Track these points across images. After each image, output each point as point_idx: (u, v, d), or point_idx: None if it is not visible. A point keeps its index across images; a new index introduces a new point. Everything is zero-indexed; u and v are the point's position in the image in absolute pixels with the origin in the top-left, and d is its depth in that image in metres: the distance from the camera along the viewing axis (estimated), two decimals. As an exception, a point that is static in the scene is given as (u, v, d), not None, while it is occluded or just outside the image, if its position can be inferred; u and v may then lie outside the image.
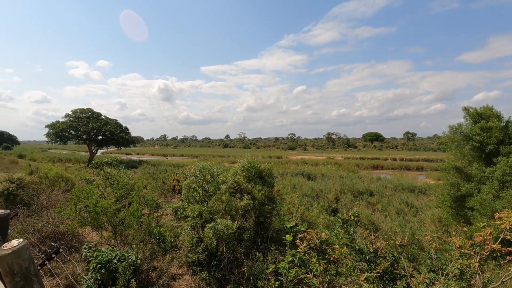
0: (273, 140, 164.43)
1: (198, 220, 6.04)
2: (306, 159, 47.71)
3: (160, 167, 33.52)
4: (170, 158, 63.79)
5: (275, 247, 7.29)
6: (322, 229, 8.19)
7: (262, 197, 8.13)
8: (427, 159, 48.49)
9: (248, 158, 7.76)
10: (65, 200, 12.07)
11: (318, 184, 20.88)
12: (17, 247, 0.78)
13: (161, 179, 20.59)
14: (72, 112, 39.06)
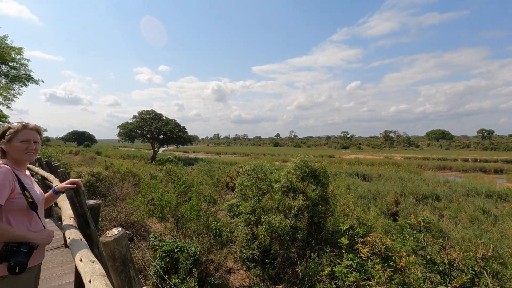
0: (324, 139, 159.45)
1: (252, 217, 6.15)
2: (361, 159, 45.14)
3: (214, 165, 35.12)
4: (223, 156, 66.42)
5: (330, 249, 7.05)
6: (380, 234, 7.65)
7: (316, 197, 7.93)
8: (509, 160, 41.79)
9: (302, 157, 7.64)
10: (134, 192, 13.43)
11: (375, 185, 19.56)
12: (118, 235, 0.89)
13: (216, 176, 21.54)
14: (138, 113, 43.34)
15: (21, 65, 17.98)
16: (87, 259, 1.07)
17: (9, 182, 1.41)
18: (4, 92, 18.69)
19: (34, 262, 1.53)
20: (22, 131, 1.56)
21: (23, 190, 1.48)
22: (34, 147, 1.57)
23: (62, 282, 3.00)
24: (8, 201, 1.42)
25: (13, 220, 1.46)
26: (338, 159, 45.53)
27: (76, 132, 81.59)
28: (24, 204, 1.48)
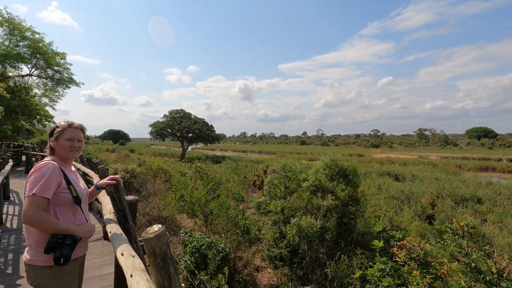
0: (353, 137, 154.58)
1: (281, 216, 6.11)
2: (393, 158, 43.14)
3: (241, 163, 35.44)
4: (249, 154, 66.83)
5: (361, 251, 6.82)
6: (418, 238, 7.27)
7: (346, 197, 7.71)
8: None
9: (331, 155, 7.45)
10: (165, 189, 13.95)
11: (408, 186, 18.60)
12: (158, 232, 0.91)
13: (243, 174, 21.74)
14: (169, 113, 44.96)
15: (64, 69, 19.41)
16: (128, 253, 1.10)
17: (56, 177, 1.49)
18: (50, 94, 20.30)
19: (78, 253, 1.62)
20: (67, 129, 1.63)
21: (68, 185, 1.56)
22: (78, 145, 1.64)
23: (102, 273, 3.18)
24: (55, 195, 1.50)
25: (59, 213, 1.54)
26: (368, 158, 43.87)
27: (112, 131, 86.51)
28: (69, 199, 1.56)
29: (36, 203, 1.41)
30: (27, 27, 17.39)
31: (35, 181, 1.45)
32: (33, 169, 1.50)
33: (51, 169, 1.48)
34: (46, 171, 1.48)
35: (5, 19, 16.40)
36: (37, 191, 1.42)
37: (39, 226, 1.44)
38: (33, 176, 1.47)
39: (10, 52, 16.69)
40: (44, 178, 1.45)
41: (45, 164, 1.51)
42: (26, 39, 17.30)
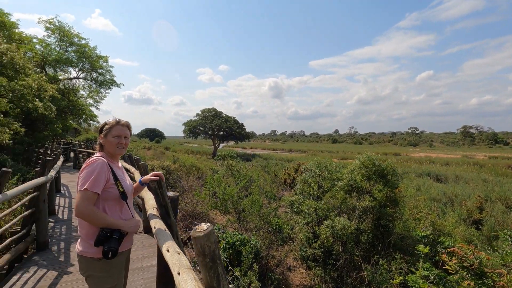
0: (389, 135, 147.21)
1: (314, 216, 5.97)
2: (433, 157, 40.39)
3: (271, 161, 35.41)
4: (279, 153, 66.56)
5: (400, 256, 6.45)
6: (472, 245, 6.72)
7: (383, 198, 7.35)
8: None
9: (367, 154, 7.12)
10: (199, 185, 14.36)
11: (451, 188, 17.27)
12: (207, 231, 0.89)
13: (274, 173, 21.69)
14: (201, 111, 46.22)
15: (106, 71, 20.85)
16: (174, 250, 1.11)
17: (104, 173, 1.55)
18: (94, 95, 21.88)
19: (124, 247, 1.68)
20: (115, 127, 1.68)
21: (115, 181, 1.61)
22: (125, 141, 1.69)
23: (143, 265, 3.33)
24: (103, 191, 1.56)
25: (107, 208, 1.60)
26: (405, 158, 41.54)
27: (149, 129, 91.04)
28: (116, 194, 1.61)
29: (87, 198, 1.47)
30: (75, 33, 18.94)
31: (87, 176, 1.50)
32: (85, 165, 1.57)
33: (100, 165, 1.53)
34: (96, 167, 1.53)
35: (57, 27, 18.01)
36: (88, 186, 1.48)
37: (89, 220, 1.50)
38: (84, 172, 1.53)
39: (60, 57, 18.31)
40: (94, 174, 1.50)
41: (95, 160, 1.56)
42: (74, 45, 18.87)
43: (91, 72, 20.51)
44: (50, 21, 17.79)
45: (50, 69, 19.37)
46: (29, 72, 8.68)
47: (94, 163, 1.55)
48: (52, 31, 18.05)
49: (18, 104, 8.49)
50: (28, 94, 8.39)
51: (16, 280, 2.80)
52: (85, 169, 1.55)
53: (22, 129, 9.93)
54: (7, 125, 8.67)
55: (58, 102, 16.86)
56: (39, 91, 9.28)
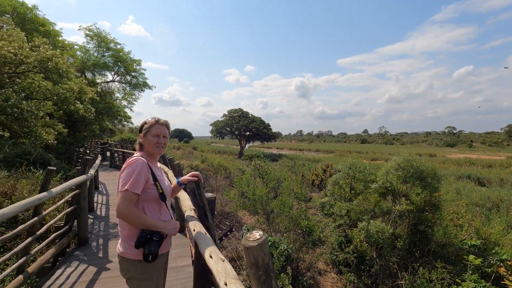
0: (423, 135, 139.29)
1: (346, 219, 5.71)
2: (473, 159, 37.47)
3: (298, 161, 34.93)
4: (306, 153, 65.54)
5: (441, 265, 6.00)
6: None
7: (421, 202, 6.89)
8: None
9: (405, 155, 6.71)
10: (226, 185, 14.49)
11: (496, 192, 15.88)
12: (260, 240, 0.81)
13: (301, 173, 21.37)
14: (228, 112, 46.83)
15: (139, 74, 21.86)
16: (217, 256, 1.05)
17: (144, 173, 1.51)
18: (128, 97, 23.00)
19: (163, 250, 1.65)
20: (154, 126, 1.64)
21: (155, 181, 1.57)
22: (164, 141, 1.66)
23: (177, 265, 3.35)
24: (143, 191, 1.52)
25: (147, 209, 1.57)
26: (442, 159, 38.96)
27: (178, 130, 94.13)
28: (155, 195, 1.58)
29: (128, 198, 1.45)
30: (111, 39, 20.09)
31: (127, 176, 1.48)
32: (125, 165, 1.55)
33: (140, 165, 1.51)
34: (136, 167, 1.50)
35: (95, 34, 19.25)
36: (129, 186, 1.45)
37: (130, 221, 1.48)
38: (125, 172, 1.51)
39: (98, 62, 19.51)
40: (134, 174, 1.48)
41: (135, 160, 1.54)
42: (110, 50, 20.03)
43: (125, 75, 21.62)
44: (89, 28, 19.08)
45: (89, 74, 20.70)
46: (71, 76, 9.32)
47: (134, 163, 1.52)
48: (91, 38, 19.31)
49: (61, 107, 9.16)
50: (71, 97, 9.02)
51: (60, 274, 2.94)
52: (125, 169, 1.53)
53: (65, 130, 10.68)
54: (52, 126, 9.39)
55: (96, 104, 17.92)
56: (80, 94, 9.93)
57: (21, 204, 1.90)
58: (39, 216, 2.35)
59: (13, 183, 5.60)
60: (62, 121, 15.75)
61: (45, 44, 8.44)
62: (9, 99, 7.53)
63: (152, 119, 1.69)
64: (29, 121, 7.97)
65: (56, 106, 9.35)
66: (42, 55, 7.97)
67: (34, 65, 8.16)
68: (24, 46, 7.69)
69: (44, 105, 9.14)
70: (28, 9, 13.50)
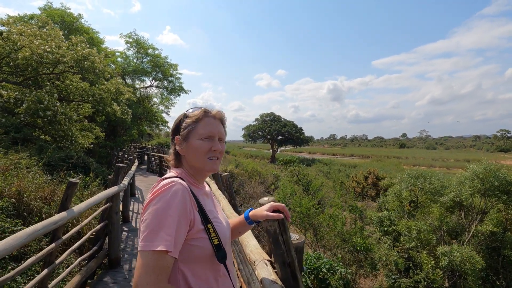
0: (471, 139, 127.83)
1: (417, 242, 4.71)
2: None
3: (333, 167, 33.35)
4: (339, 158, 63.06)
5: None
6: None
7: (503, 221, 5.66)
8: None
9: (485, 163, 5.53)
10: (261, 191, 13.85)
11: None
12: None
13: (339, 179, 20.11)
14: (260, 116, 46.43)
15: (176, 79, 22.21)
16: None
17: (187, 213, 0.81)
18: (165, 102, 23.47)
19: None
20: (203, 120, 0.93)
21: (205, 224, 0.85)
22: (220, 147, 0.94)
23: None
24: (185, 246, 0.81)
25: (191, 276, 0.84)
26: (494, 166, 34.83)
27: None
28: (207, 249, 0.85)
29: (158, 267, 0.73)
30: (149, 45, 20.69)
31: (155, 220, 0.76)
32: (151, 196, 0.81)
33: (178, 198, 0.79)
34: (171, 201, 0.78)
35: (134, 40, 19.93)
36: (160, 243, 0.73)
37: None
38: (151, 210, 0.78)
39: (137, 68, 20.10)
40: (169, 218, 0.76)
41: (168, 187, 0.81)
42: (149, 55, 20.59)
43: (163, 80, 22.07)
44: (129, 35, 19.82)
45: (129, 79, 21.44)
46: (107, 76, 9.18)
47: (167, 192, 0.80)
48: (130, 44, 20.04)
49: (97, 108, 9.05)
50: (107, 98, 8.88)
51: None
52: (152, 202, 0.79)
53: (103, 134, 10.61)
54: (90, 130, 9.31)
55: (136, 108, 18.35)
56: (116, 95, 9.82)
57: (26, 233, 1.38)
58: (57, 242, 1.85)
59: (53, 188, 5.44)
60: (103, 126, 16.31)
61: (82, 42, 8.23)
62: (42, 101, 7.25)
63: (197, 109, 0.96)
64: (62, 124, 7.71)
65: (94, 108, 9.26)
66: (79, 54, 7.67)
67: (71, 65, 7.91)
68: (61, 45, 7.50)
69: (82, 107, 9.18)
70: (74, 18, 14.16)
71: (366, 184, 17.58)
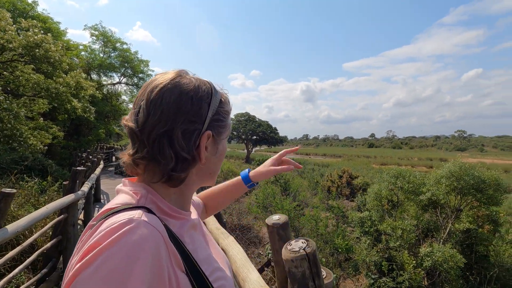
0: (432, 139, 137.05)
1: (402, 241, 4.66)
2: (487, 164, 35.93)
3: (307, 166, 33.91)
4: (312, 157, 64.60)
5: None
6: None
7: (475, 218, 5.85)
8: None
9: (459, 162, 5.66)
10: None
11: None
12: None
13: (314, 179, 20.31)
14: (235, 116, 46.04)
15: (147, 76, 21.02)
16: None
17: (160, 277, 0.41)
18: (135, 100, 22.26)
19: None
20: (229, 109, 0.61)
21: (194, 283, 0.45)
22: None
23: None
24: None
25: None
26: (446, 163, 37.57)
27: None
28: None
29: None
30: (117, 38, 19.36)
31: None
32: (86, 251, 0.39)
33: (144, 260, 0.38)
34: (129, 267, 0.37)
35: (101, 33, 18.52)
36: None
37: None
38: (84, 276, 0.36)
39: (104, 62, 18.73)
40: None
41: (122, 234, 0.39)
42: (117, 50, 19.23)
43: (132, 77, 20.80)
44: (94, 28, 18.34)
45: (95, 75, 19.97)
46: (66, 68, 8.00)
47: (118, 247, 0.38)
48: (96, 37, 18.57)
49: (53, 104, 7.78)
50: (65, 93, 7.75)
51: None
52: (83, 272, 0.36)
53: (61, 133, 9.45)
54: (46, 129, 8.06)
55: (102, 106, 17.10)
56: (77, 90, 8.66)
57: None
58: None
59: None
60: (66, 125, 14.98)
61: (35, 27, 7.08)
62: None
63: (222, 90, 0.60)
64: (5, 122, 6.56)
65: (49, 104, 8.04)
66: (29, 39, 6.45)
67: (20, 53, 6.77)
68: (8, 29, 6.34)
69: (36, 103, 8.01)
70: (28, 5, 12.71)
71: (341, 183, 17.86)
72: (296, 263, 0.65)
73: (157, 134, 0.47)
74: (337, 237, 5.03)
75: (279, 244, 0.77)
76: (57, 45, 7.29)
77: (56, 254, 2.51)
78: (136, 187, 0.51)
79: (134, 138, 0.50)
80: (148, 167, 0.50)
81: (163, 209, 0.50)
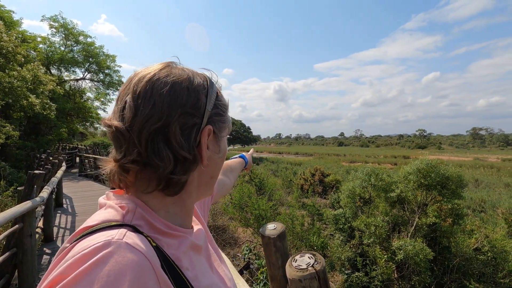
0: (396, 138, 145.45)
1: (375, 237, 4.81)
2: (444, 160, 38.99)
3: (280, 165, 34.34)
4: (285, 156, 65.63)
5: (474, 285, 5.35)
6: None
7: (438, 212, 6.24)
8: None
9: (426, 159, 5.98)
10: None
11: (476, 193, 16.18)
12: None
13: (287, 177, 20.57)
14: (207, 114, 45.58)
15: (114, 72, 19.84)
16: None
17: None
18: (101, 98, 20.95)
19: None
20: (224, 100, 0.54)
21: None
22: None
23: None
24: None
25: None
26: (415, 160, 40.26)
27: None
28: None
29: None
30: (80, 31, 17.98)
31: None
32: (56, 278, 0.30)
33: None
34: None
35: (61, 24, 17.05)
36: None
37: None
38: None
39: (65, 57, 17.35)
40: None
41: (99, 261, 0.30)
42: (80, 43, 17.86)
43: (98, 73, 19.52)
44: (53, 19, 16.84)
45: (55, 70, 18.45)
46: (21, 61, 7.15)
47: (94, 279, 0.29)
48: (56, 29, 17.09)
49: (6, 100, 6.92)
50: (21, 88, 6.97)
51: None
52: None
53: (16, 133, 8.52)
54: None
55: (64, 103, 15.90)
56: (34, 85, 7.82)
57: None
58: None
59: None
60: (22, 123, 13.74)
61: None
62: None
63: (216, 81, 0.50)
64: None
65: (2, 100, 7.18)
66: None
67: None
68: None
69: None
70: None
71: (314, 181, 18.26)
72: (305, 283, 0.57)
73: (149, 131, 0.38)
74: (313, 235, 5.08)
75: (276, 256, 0.68)
76: (10, 35, 6.51)
77: (10, 269, 2.21)
78: (123, 199, 0.41)
79: (120, 140, 0.39)
80: (141, 173, 0.40)
81: (155, 226, 0.40)
